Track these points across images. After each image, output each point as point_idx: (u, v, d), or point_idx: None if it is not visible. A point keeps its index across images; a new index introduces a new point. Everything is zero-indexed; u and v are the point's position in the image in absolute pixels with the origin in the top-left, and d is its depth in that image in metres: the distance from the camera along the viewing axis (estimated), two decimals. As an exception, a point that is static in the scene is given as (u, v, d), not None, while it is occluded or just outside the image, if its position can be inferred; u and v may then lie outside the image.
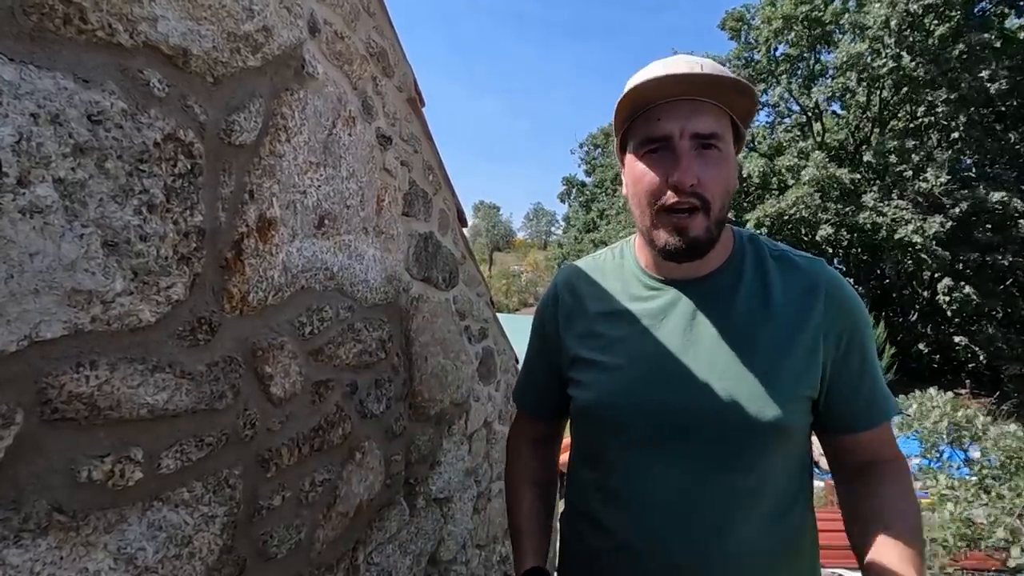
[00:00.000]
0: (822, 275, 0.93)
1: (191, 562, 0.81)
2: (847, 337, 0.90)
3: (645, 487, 0.91)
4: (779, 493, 0.91)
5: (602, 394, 0.96)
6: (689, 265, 0.94)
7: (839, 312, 0.90)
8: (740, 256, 0.97)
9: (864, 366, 0.91)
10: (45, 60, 0.60)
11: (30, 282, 0.59)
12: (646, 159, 0.89)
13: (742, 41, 23.51)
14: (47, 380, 0.61)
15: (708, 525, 0.88)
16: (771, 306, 0.91)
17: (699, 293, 0.95)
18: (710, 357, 0.90)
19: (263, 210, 0.95)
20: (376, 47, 1.36)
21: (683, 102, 0.86)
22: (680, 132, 0.85)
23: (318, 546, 1.14)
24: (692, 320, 0.93)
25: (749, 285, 0.94)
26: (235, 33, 0.87)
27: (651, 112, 0.88)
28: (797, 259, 0.97)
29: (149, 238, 0.73)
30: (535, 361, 1.15)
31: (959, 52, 16.81)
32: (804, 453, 0.96)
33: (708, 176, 0.85)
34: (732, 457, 0.87)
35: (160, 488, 0.77)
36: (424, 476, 1.69)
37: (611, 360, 0.97)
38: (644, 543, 0.91)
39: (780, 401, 0.86)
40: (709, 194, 0.85)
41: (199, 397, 0.82)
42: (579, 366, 1.01)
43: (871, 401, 0.92)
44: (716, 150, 0.86)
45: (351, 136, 1.23)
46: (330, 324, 1.17)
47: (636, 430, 0.92)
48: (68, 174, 0.62)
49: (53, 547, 0.62)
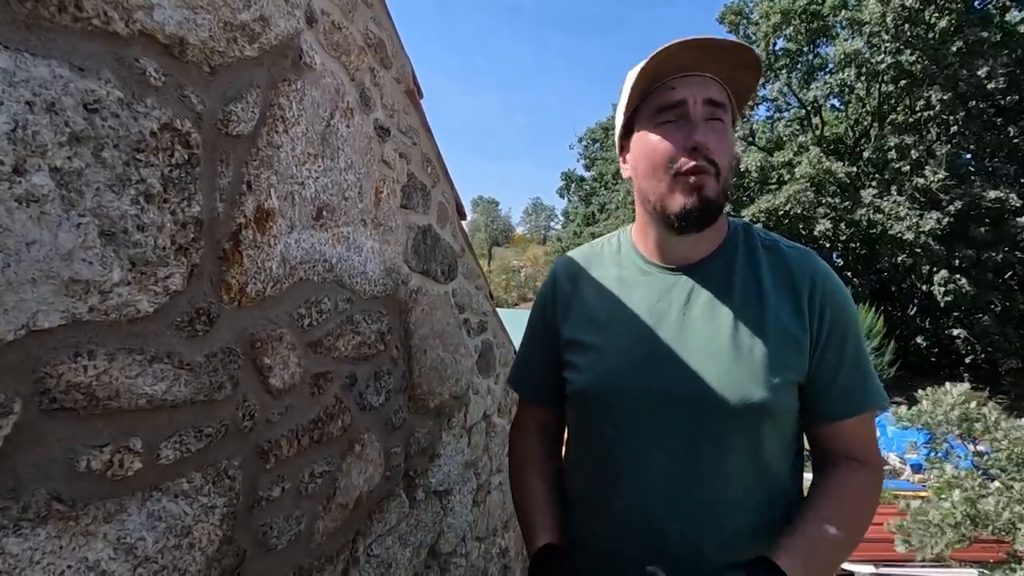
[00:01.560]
0: (811, 265, 0.97)
1: (191, 552, 0.82)
2: (831, 326, 0.93)
3: (639, 468, 0.93)
4: (770, 474, 0.93)
5: (597, 376, 0.98)
6: (685, 250, 0.98)
7: (826, 301, 0.93)
8: (733, 243, 1.00)
9: (844, 357, 0.93)
10: (40, 48, 0.60)
11: (27, 271, 0.58)
12: (660, 129, 0.93)
13: (741, 35, 23.44)
14: (45, 370, 0.61)
15: (701, 504, 0.90)
16: (762, 292, 0.94)
17: (693, 278, 0.98)
18: (702, 340, 0.93)
19: (261, 201, 0.94)
20: (374, 38, 1.35)
21: (694, 76, 0.91)
22: (694, 99, 0.90)
23: (318, 537, 1.14)
24: (685, 304, 0.96)
25: (741, 272, 0.97)
26: (232, 22, 0.86)
27: (664, 85, 0.92)
28: (787, 249, 1.00)
29: (147, 228, 0.72)
30: (533, 345, 1.17)
31: (957, 48, 16.78)
32: (795, 437, 0.98)
33: (718, 144, 0.89)
34: (723, 437, 0.90)
35: (159, 478, 0.77)
36: (424, 468, 1.69)
37: (606, 343, 0.99)
38: (638, 524, 0.93)
39: (768, 384, 0.88)
40: (719, 159, 0.89)
41: (198, 388, 0.82)
42: (575, 349, 1.03)
43: (848, 391, 0.93)
44: (721, 122, 0.91)
45: (349, 127, 1.22)
46: (329, 316, 1.16)
47: (630, 412, 0.94)
48: (64, 163, 0.62)
49: (52, 536, 0.62)
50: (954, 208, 16.87)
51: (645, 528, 0.92)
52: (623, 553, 0.95)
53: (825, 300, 0.93)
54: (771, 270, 0.96)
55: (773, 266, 0.97)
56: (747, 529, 0.90)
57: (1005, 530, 3.43)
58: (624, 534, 0.95)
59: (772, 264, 0.97)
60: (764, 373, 0.89)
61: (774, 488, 0.94)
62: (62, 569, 0.63)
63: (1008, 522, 3.36)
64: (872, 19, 17.92)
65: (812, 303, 0.92)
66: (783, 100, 23.51)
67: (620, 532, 0.95)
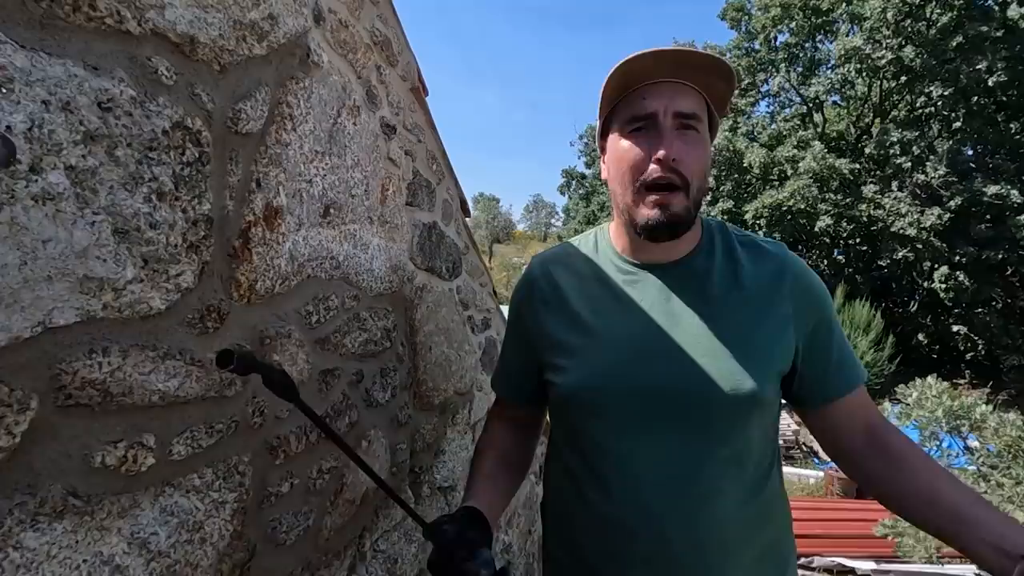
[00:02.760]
0: (787, 260, 1.00)
1: (203, 547, 0.82)
2: (814, 314, 0.97)
3: (633, 466, 0.94)
4: (756, 462, 0.96)
5: (583, 377, 0.98)
6: (663, 249, 0.99)
7: (804, 293, 0.98)
8: (710, 241, 1.02)
9: (831, 338, 0.98)
10: (55, 47, 0.60)
11: (43, 269, 0.59)
12: (630, 137, 0.94)
13: (742, 31, 23.39)
14: (61, 366, 0.62)
15: (696, 496, 0.91)
16: (742, 287, 0.96)
17: (673, 275, 1.00)
18: (688, 336, 0.94)
19: (270, 199, 0.95)
20: (380, 36, 1.36)
21: (666, 84, 0.91)
22: (664, 110, 0.91)
23: (326, 532, 1.15)
24: (668, 301, 0.98)
25: (720, 268, 0.99)
26: (241, 21, 0.86)
27: (636, 93, 0.93)
28: (763, 244, 1.03)
29: (159, 226, 0.73)
30: (509, 348, 1.19)
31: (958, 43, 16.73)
32: (775, 426, 1.02)
33: (688, 156, 0.90)
34: (714, 429, 0.92)
35: (172, 474, 0.77)
36: (429, 465, 1.70)
37: (590, 343, 0.99)
38: (636, 521, 0.93)
39: (756, 375, 0.91)
40: (688, 173, 0.90)
41: (209, 384, 0.82)
42: (558, 351, 1.03)
43: (842, 366, 0.98)
44: (695, 132, 0.92)
45: (356, 125, 1.22)
46: (336, 313, 1.17)
47: (620, 410, 0.95)
48: (79, 161, 0.62)
49: (69, 531, 0.63)
50: (955, 204, 16.85)
51: (643, 529, 0.93)
52: (622, 555, 0.95)
53: (804, 289, 0.98)
54: (751, 265, 0.99)
55: (752, 261, 0.99)
56: (740, 517, 0.92)
57: None
58: (621, 535, 0.95)
59: (751, 259, 1.00)
60: (752, 364, 0.91)
61: (759, 477, 0.97)
62: (78, 563, 0.64)
63: None
64: (873, 14, 17.87)
65: (793, 293, 0.96)
66: (784, 96, 23.45)
67: (616, 532, 0.95)
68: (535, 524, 3.06)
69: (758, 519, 0.95)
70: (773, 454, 1.01)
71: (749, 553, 0.94)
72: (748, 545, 0.94)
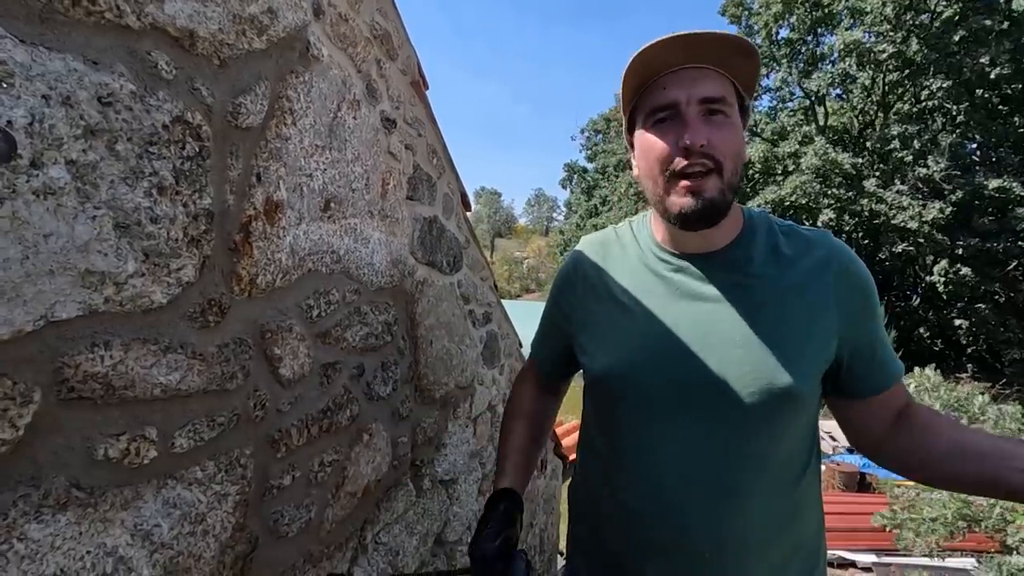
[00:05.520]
0: (832, 248, 0.95)
1: (205, 539, 0.83)
2: (860, 307, 0.92)
3: (655, 455, 0.93)
4: (786, 461, 0.93)
5: (611, 364, 0.98)
6: (703, 239, 0.96)
7: (850, 283, 0.92)
8: (751, 231, 0.98)
9: (877, 331, 0.95)
10: (55, 42, 0.60)
11: (45, 263, 0.59)
12: (654, 129, 0.90)
13: (743, 26, 23.28)
14: (63, 360, 0.62)
15: (718, 489, 0.90)
16: (784, 278, 0.93)
17: (713, 266, 0.96)
18: (723, 328, 0.91)
19: (270, 193, 0.95)
20: (380, 29, 1.35)
21: (687, 70, 0.87)
22: (687, 99, 0.87)
23: (327, 525, 1.16)
24: (705, 293, 0.95)
25: (761, 258, 0.95)
26: (240, 15, 0.86)
27: (656, 83, 0.90)
28: (805, 233, 0.98)
29: (159, 220, 0.73)
30: (547, 321, 1.23)
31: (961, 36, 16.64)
32: (813, 425, 0.98)
33: (718, 138, 0.85)
34: (743, 425, 0.89)
35: (174, 466, 0.78)
36: (430, 458, 1.71)
37: (622, 330, 0.99)
38: (654, 511, 0.93)
39: (793, 369, 0.87)
40: (720, 155, 0.85)
41: (210, 378, 0.83)
42: (590, 334, 1.04)
43: (886, 361, 0.95)
44: (723, 115, 0.87)
45: (356, 119, 1.22)
46: (337, 307, 1.17)
47: (646, 400, 0.94)
48: (80, 156, 0.62)
49: (72, 523, 0.64)
50: (956, 197, 16.80)
51: (661, 518, 0.92)
52: (641, 543, 0.95)
53: (850, 281, 0.92)
54: (793, 255, 0.94)
55: (794, 251, 0.95)
56: (763, 516, 0.90)
57: (996, 527, 3.44)
58: (640, 521, 0.95)
59: (793, 249, 0.95)
60: (789, 359, 0.88)
61: (790, 477, 0.93)
62: (81, 554, 0.65)
63: (999, 517, 3.37)
64: (873, 8, 17.78)
65: (838, 285, 0.91)
66: (786, 90, 23.36)
67: (636, 518, 0.95)
68: (535, 517, 3.08)
69: (785, 519, 0.92)
70: (809, 453, 0.97)
71: (774, 552, 0.92)
72: (772, 545, 0.92)
